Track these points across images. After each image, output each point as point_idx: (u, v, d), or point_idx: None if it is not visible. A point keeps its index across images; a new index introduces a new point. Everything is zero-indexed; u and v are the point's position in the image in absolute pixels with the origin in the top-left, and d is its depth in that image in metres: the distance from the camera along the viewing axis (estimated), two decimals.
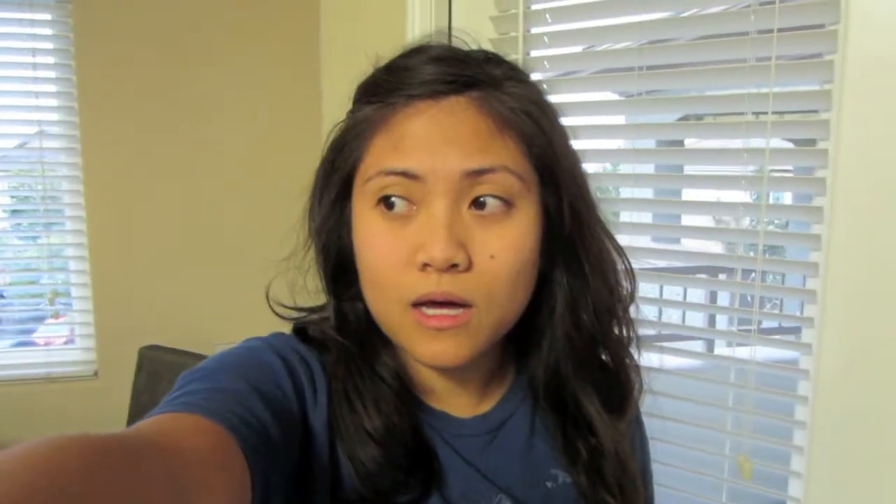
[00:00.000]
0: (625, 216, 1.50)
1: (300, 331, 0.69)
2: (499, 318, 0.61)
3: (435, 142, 0.57)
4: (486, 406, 0.70)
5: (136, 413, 1.71)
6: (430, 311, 0.58)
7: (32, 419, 1.84)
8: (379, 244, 0.59)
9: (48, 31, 1.94)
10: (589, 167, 0.69)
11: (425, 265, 0.56)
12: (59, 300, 2.02)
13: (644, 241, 1.47)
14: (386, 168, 0.58)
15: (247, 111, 1.97)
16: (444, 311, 0.58)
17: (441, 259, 0.55)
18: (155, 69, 1.92)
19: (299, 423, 0.60)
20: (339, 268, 0.66)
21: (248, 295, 0.72)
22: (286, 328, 0.70)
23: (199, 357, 1.64)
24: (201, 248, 1.97)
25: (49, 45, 1.94)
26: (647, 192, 1.49)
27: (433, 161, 0.57)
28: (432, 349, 0.59)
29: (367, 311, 0.65)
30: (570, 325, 0.67)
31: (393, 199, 0.58)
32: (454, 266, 0.56)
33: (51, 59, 1.94)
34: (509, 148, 0.59)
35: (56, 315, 2.03)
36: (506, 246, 0.59)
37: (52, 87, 1.97)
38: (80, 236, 1.95)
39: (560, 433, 0.70)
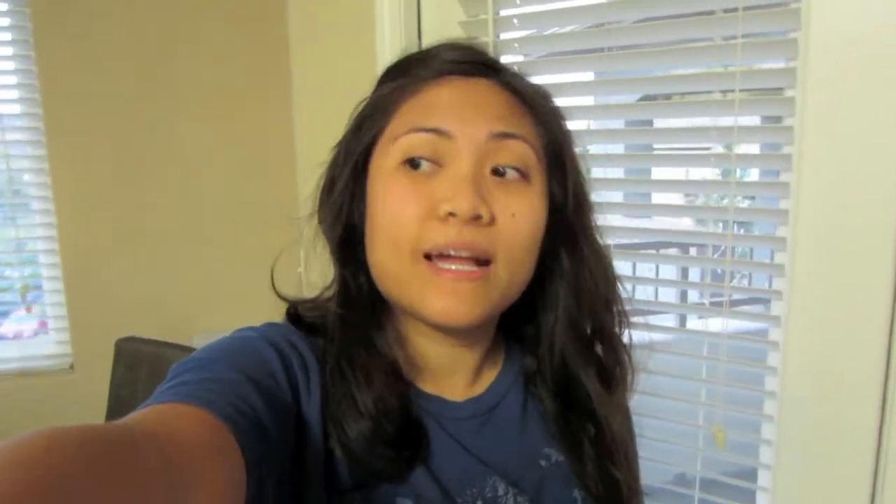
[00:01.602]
0: (596, 196, 1.51)
1: (294, 316, 0.69)
2: (511, 280, 0.63)
3: (464, 106, 0.62)
4: (479, 389, 0.72)
5: (115, 406, 1.70)
6: (445, 265, 0.60)
7: (7, 414, 1.81)
8: (400, 197, 0.61)
9: (6, 21, 1.88)
10: None
11: (449, 214, 0.59)
12: (30, 295, 1.99)
13: (616, 219, 1.49)
14: (417, 125, 0.61)
15: (217, 94, 1.94)
16: (460, 266, 0.60)
17: (467, 207, 0.58)
18: (118, 55, 1.87)
19: (293, 412, 0.60)
20: (347, 239, 0.67)
21: (226, 285, 0.72)
22: (268, 317, 0.70)
23: (178, 347, 1.64)
24: (175, 237, 1.95)
25: (7, 36, 1.89)
26: (618, 172, 1.51)
27: (462, 121, 0.61)
28: (445, 304, 0.60)
29: (370, 286, 0.67)
30: (573, 307, 0.70)
31: (419, 159, 0.61)
32: (478, 218, 0.59)
33: (10, 51, 1.89)
34: (528, 125, 0.65)
35: (28, 308, 2.00)
36: (525, 209, 0.62)
37: (13, 79, 1.92)
38: (49, 228, 1.92)
39: (560, 415, 0.72)
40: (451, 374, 0.71)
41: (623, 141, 1.63)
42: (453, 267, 0.60)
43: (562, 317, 0.71)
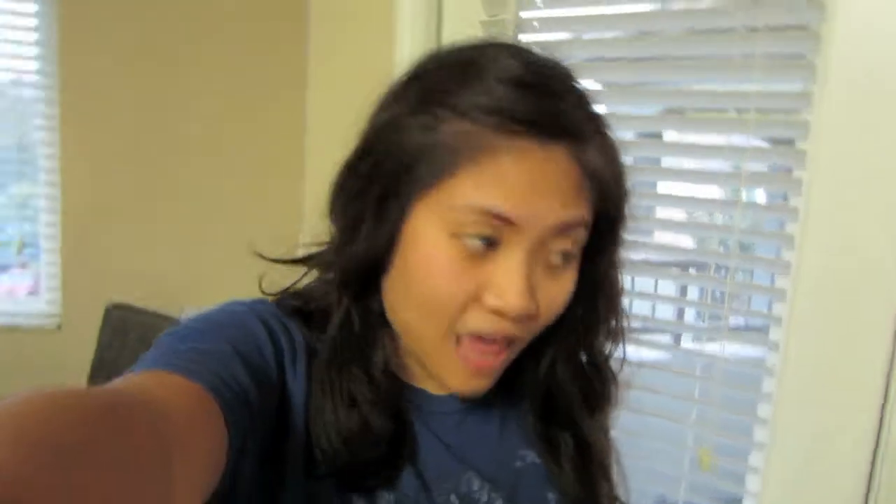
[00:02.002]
0: None
1: (285, 306, 0.67)
2: (523, 347, 0.63)
3: (538, 191, 0.55)
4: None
5: (98, 369, 1.69)
6: (476, 347, 0.59)
7: None
8: (450, 272, 0.57)
9: None
10: None
11: (496, 310, 0.57)
12: (26, 251, 1.99)
13: None
14: (484, 206, 0.55)
15: (232, 82, 1.94)
16: (489, 352, 0.59)
17: (519, 310, 0.56)
18: (140, 32, 1.88)
19: (277, 390, 0.60)
20: (362, 270, 0.62)
21: (220, 265, 0.72)
22: (256, 292, 0.69)
23: (167, 318, 1.63)
24: (175, 209, 1.95)
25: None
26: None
27: (532, 210, 0.55)
28: (470, 385, 0.61)
29: (379, 312, 0.64)
30: (576, 346, 0.70)
31: (483, 236, 0.56)
32: (524, 316, 0.57)
33: (32, 7, 1.89)
34: (589, 201, 0.59)
35: (23, 265, 2.00)
36: (562, 291, 0.61)
37: (32, 36, 1.91)
38: (52, 187, 1.91)
39: (539, 421, 0.71)
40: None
41: (632, 154, 1.61)
42: (484, 347, 0.59)
43: (563, 356, 0.70)
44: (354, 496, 0.61)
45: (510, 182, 0.54)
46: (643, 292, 1.57)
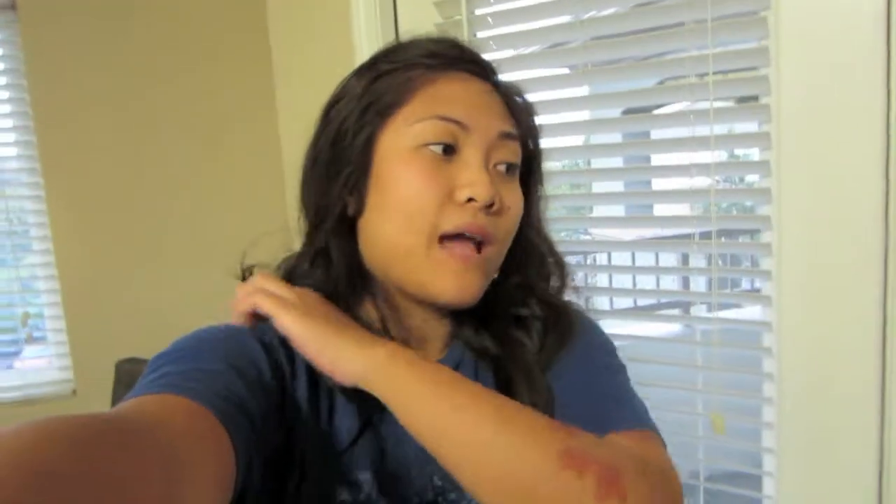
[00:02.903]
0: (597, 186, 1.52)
1: None
2: (498, 261, 0.71)
3: (478, 104, 0.68)
4: (441, 356, 0.75)
5: None
6: (457, 245, 0.65)
7: None
8: (421, 177, 0.64)
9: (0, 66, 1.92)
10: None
11: (469, 200, 0.65)
12: (31, 322, 2.01)
13: (617, 210, 1.49)
14: (439, 113, 0.65)
15: (204, 120, 1.96)
16: (469, 247, 0.66)
17: (487, 197, 0.64)
18: (109, 83, 1.89)
19: (278, 398, 0.62)
20: (342, 214, 0.70)
21: (219, 304, 0.74)
22: None
23: None
24: (171, 260, 1.96)
25: (2, 80, 1.92)
26: (617, 161, 1.52)
27: (478, 117, 0.67)
28: (458, 283, 0.65)
29: (356, 262, 0.70)
30: (515, 273, 0.76)
31: (445, 144, 0.65)
32: (491, 206, 0.65)
33: (2, 80, 1.92)
34: (517, 126, 0.72)
35: (29, 337, 2.02)
36: (516, 201, 0.70)
37: (9, 122, 1.94)
38: (47, 255, 1.94)
39: (493, 370, 0.73)
40: (425, 342, 0.74)
41: (612, 130, 1.62)
42: (461, 246, 0.65)
43: (509, 288, 0.75)
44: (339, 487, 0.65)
45: (457, 97, 0.67)
46: (636, 266, 1.58)
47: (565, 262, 0.78)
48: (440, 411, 0.56)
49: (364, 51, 1.60)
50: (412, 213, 0.64)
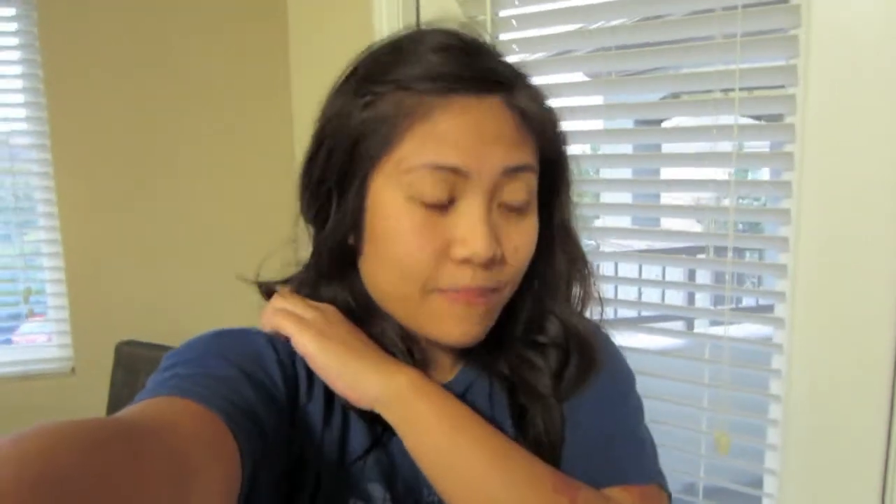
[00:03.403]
0: (605, 196, 1.51)
1: None
2: (508, 297, 0.66)
3: (480, 140, 0.59)
4: (450, 376, 0.72)
5: (114, 408, 1.69)
6: (456, 296, 0.61)
7: (10, 416, 1.81)
8: (415, 235, 0.60)
9: (13, 27, 1.90)
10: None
11: (465, 260, 0.59)
12: (32, 298, 2.00)
13: (624, 221, 1.49)
14: (433, 162, 0.58)
15: (218, 102, 1.95)
16: (468, 295, 0.61)
17: (485, 256, 0.59)
18: (124, 64, 1.88)
19: (288, 406, 0.61)
20: (336, 252, 0.67)
21: (222, 289, 0.73)
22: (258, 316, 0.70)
23: None
24: (176, 243, 1.95)
25: (14, 41, 1.90)
26: (625, 173, 1.51)
27: (478, 158, 0.59)
28: (460, 329, 0.62)
29: (362, 293, 0.68)
30: (543, 304, 0.72)
31: (438, 202, 0.59)
32: (491, 261, 0.60)
33: (16, 55, 1.91)
34: (532, 146, 0.64)
35: (31, 312, 2.01)
36: (525, 239, 0.64)
37: (20, 97, 1.93)
38: (52, 232, 1.93)
39: (514, 402, 0.71)
40: (437, 363, 0.72)
41: (627, 141, 1.61)
42: (459, 295, 0.61)
43: (527, 308, 0.72)
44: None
45: (454, 136, 0.59)
46: (648, 279, 1.57)
47: (593, 276, 0.74)
48: (446, 448, 0.57)
49: (383, 16, 1.59)
50: (405, 270, 0.61)
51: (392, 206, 0.60)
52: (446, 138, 0.59)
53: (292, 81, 1.96)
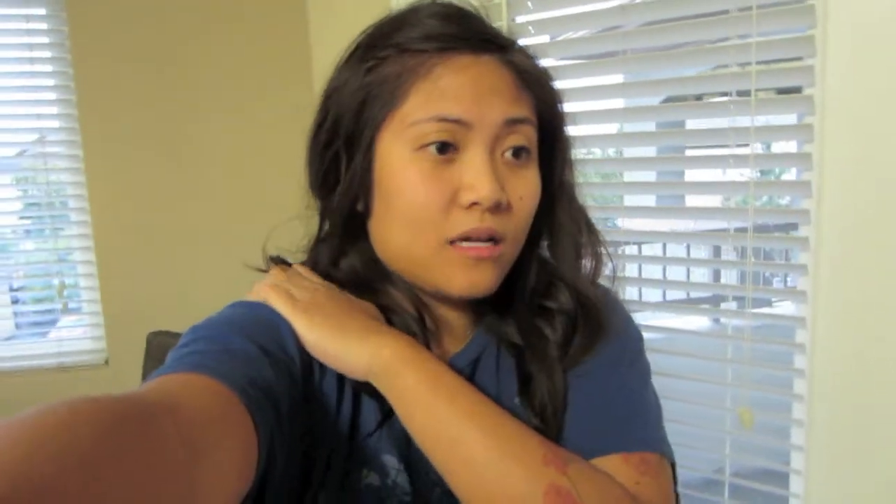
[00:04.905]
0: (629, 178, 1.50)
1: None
2: (514, 253, 0.67)
3: (479, 93, 0.62)
4: (462, 344, 0.73)
5: None
6: (469, 244, 0.63)
7: None
8: (422, 184, 0.61)
9: (43, 26, 1.95)
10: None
11: (473, 204, 0.61)
12: (66, 292, 2.05)
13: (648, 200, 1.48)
14: (437, 114, 0.61)
15: (243, 101, 1.99)
16: (481, 244, 0.63)
17: (491, 199, 0.61)
18: (151, 66, 1.93)
19: (304, 387, 0.61)
20: (351, 218, 0.68)
21: (246, 279, 0.74)
22: None
23: None
24: (202, 237, 2.00)
25: (45, 40, 1.95)
26: (650, 150, 1.50)
27: (479, 109, 0.61)
28: (471, 279, 0.63)
29: (373, 260, 0.69)
30: (547, 264, 0.73)
31: (444, 143, 0.61)
32: (497, 205, 0.62)
33: (47, 54, 1.95)
34: (530, 103, 0.66)
35: (65, 305, 2.06)
36: (529, 190, 0.65)
37: (52, 95, 1.98)
38: (84, 227, 1.98)
39: (521, 367, 0.71)
40: (450, 328, 0.72)
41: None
42: (476, 245, 0.62)
43: (535, 272, 0.72)
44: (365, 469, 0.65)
45: (455, 90, 0.61)
46: (673, 257, 1.56)
47: (602, 242, 0.74)
48: (436, 420, 0.57)
49: None
50: (417, 221, 0.62)
51: (400, 160, 0.63)
52: (448, 92, 0.61)
53: (314, 78, 1.99)
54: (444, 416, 0.57)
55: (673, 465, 0.66)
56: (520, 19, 1.48)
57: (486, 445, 0.55)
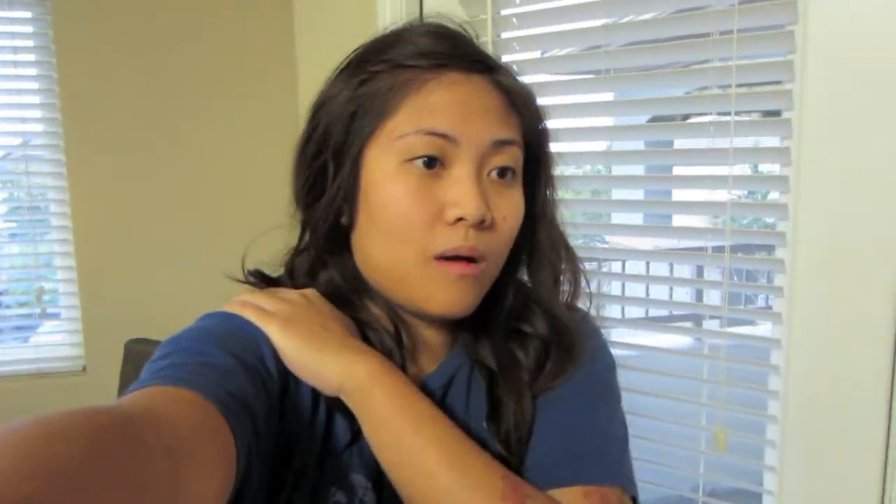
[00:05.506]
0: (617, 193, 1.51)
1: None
2: (495, 273, 0.68)
3: (468, 111, 0.63)
4: (435, 365, 0.73)
5: None
6: (451, 262, 0.63)
7: (24, 414, 1.84)
8: (409, 198, 0.62)
9: (28, 29, 1.94)
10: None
11: (458, 220, 0.62)
12: (45, 297, 2.04)
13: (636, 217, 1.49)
14: (426, 128, 0.62)
15: (228, 109, 1.99)
16: (462, 263, 0.63)
17: (476, 215, 0.61)
18: (135, 72, 1.92)
19: (280, 399, 0.61)
20: (334, 230, 0.69)
21: (227, 289, 0.74)
22: None
23: None
24: (183, 245, 1.99)
25: (29, 43, 1.94)
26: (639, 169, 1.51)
27: (467, 126, 0.63)
28: (450, 297, 0.64)
29: (354, 274, 0.70)
30: (527, 294, 0.74)
31: (430, 157, 0.62)
32: (482, 223, 0.62)
33: (31, 57, 1.95)
34: (518, 124, 0.67)
35: (43, 311, 2.05)
36: (513, 210, 0.67)
37: (35, 99, 1.97)
38: (65, 232, 1.97)
39: (491, 391, 0.71)
40: (426, 347, 0.73)
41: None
42: (455, 262, 0.63)
43: (513, 294, 0.73)
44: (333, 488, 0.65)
45: (445, 106, 0.63)
46: (655, 276, 1.56)
47: (580, 266, 0.75)
48: (400, 444, 0.58)
49: (386, 14, 1.60)
50: (400, 234, 0.63)
51: (386, 173, 0.63)
52: (437, 108, 0.62)
53: (299, 87, 1.99)
54: (408, 442, 0.57)
55: (635, 500, 0.65)
56: (505, 35, 1.49)
57: (448, 473, 0.56)
